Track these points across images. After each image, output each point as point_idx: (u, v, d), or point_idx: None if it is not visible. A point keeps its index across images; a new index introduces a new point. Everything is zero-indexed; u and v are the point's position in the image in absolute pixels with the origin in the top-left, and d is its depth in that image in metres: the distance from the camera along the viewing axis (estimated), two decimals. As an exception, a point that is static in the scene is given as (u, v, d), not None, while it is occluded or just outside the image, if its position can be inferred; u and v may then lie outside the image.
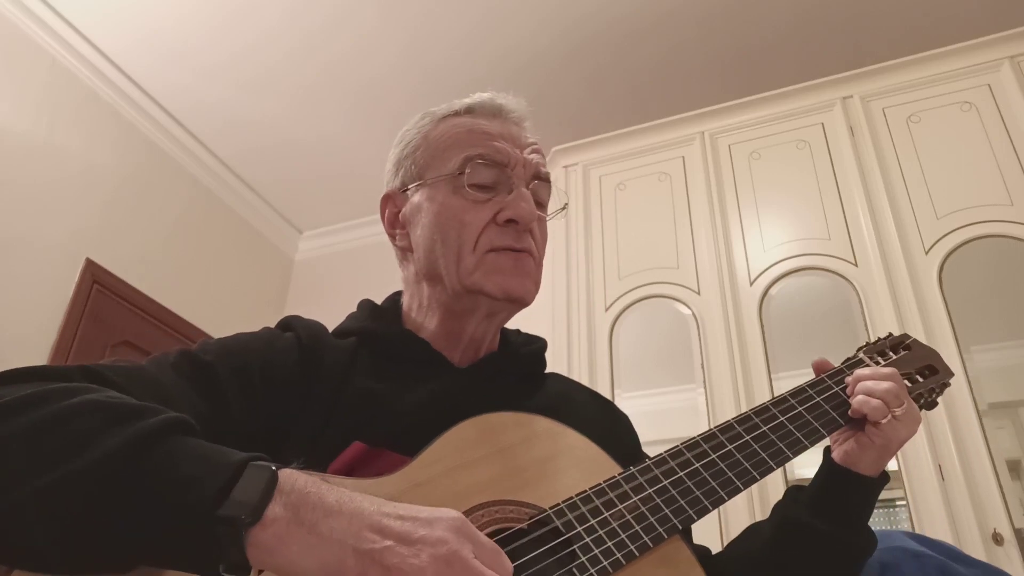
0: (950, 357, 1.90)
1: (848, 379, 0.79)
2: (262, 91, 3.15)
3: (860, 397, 0.75)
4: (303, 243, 4.07)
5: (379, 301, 0.89)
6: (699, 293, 2.34)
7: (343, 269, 3.83)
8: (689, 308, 2.34)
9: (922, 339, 1.94)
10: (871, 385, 0.76)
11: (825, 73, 2.52)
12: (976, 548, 1.70)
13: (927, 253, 2.11)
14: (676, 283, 2.39)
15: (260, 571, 0.46)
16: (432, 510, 0.48)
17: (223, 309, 3.43)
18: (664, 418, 2.33)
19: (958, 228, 2.11)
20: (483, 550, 0.47)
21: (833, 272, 2.22)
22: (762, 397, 2.09)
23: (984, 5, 2.62)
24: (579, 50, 2.92)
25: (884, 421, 0.73)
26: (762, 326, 2.21)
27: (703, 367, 2.21)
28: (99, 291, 2.85)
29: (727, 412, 2.10)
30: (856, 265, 2.19)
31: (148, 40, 2.92)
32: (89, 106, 2.98)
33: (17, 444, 0.47)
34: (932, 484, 1.81)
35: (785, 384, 2.08)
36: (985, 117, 2.23)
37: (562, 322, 2.43)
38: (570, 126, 2.94)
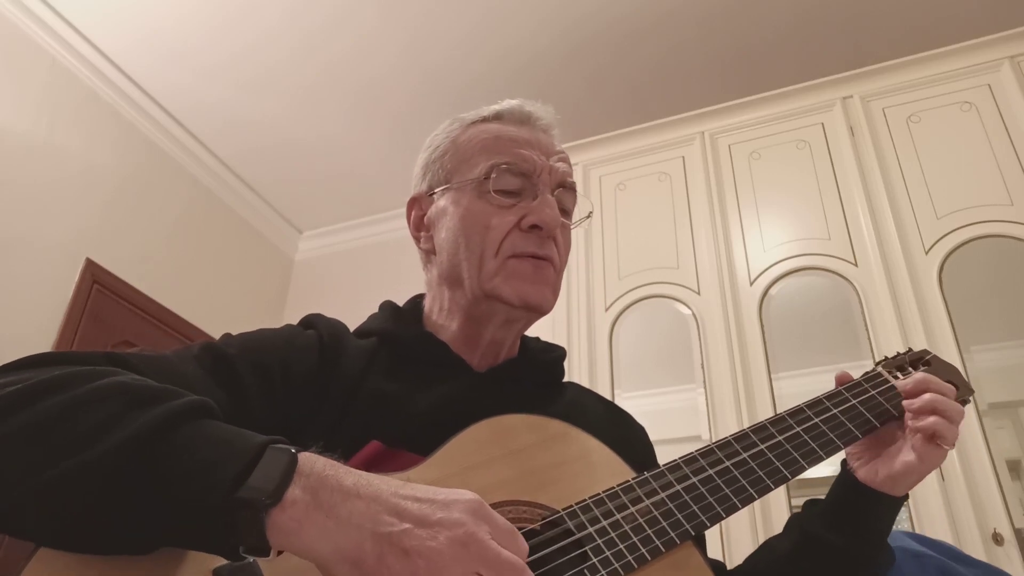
0: (950, 357, 1.90)
1: (908, 389, 0.76)
2: (262, 91, 3.15)
3: (933, 419, 0.72)
4: (303, 243, 4.07)
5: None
6: (699, 293, 2.34)
7: (343, 269, 3.83)
8: (689, 308, 2.34)
9: (922, 339, 1.95)
10: (943, 405, 0.73)
11: (825, 73, 2.52)
12: (976, 548, 1.70)
13: (927, 253, 2.11)
14: (676, 283, 2.39)
15: (280, 552, 0.46)
16: (449, 492, 0.49)
17: (223, 309, 3.43)
18: (664, 418, 2.33)
19: (958, 228, 2.11)
20: (499, 531, 0.48)
21: (833, 272, 2.22)
22: (762, 397, 2.08)
23: (984, 5, 2.62)
24: (579, 50, 2.92)
25: (947, 447, 0.72)
26: (762, 326, 2.20)
27: (703, 367, 2.21)
28: (99, 291, 2.85)
29: (727, 412, 2.10)
30: (856, 265, 2.18)
31: (148, 40, 2.92)
32: (89, 106, 2.97)
33: (42, 426, 0.48)
34: (932, 484, 1.81)
35: (785, 384, 2.09)
36: (985, 117, 2.23)
37: (562, 322, 2.43)
38: (570, 126, 2.91)
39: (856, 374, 0.83)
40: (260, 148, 3.46)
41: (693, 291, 2.35)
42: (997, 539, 1.71)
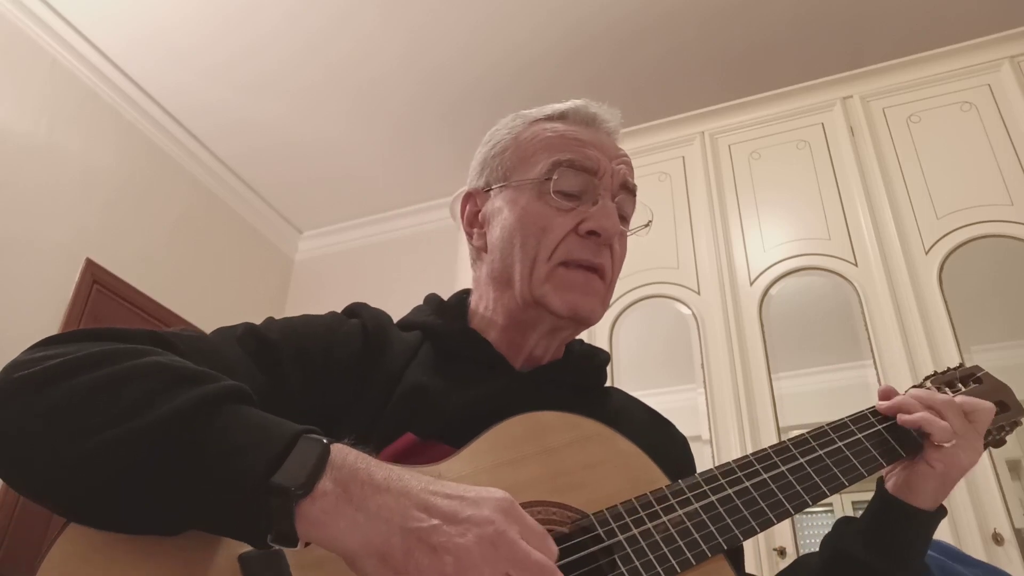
0: (950, 357, 1.90)
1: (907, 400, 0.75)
2: (263, 92, 3.15)
3: (922, 414, 0.72)
4: (303, 243, 4.07)
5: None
6: (699, 293, 2.34)
7: (343, 269, 3.83)
8: (689, 308, 2.33)
9: (922, 339, 1.95)
10: (936, 402, 0.73)
11: (825, 73, 2.52)
12: (976, 548, 1.70)
13: (927, 253, 2.11)
14: (676, 283, 2.39)
15: (307, 543, 0.46)
16: (479, 490, 0.48)
17: (223, 309, 3.42)
18: (664, 418, 2.33)
19: (958, 228, 2.11)
20: (529, 532, 0.47)
21: (833, 272, 2.21)
22: (762, 397, 2.08)
23: (984, 5, 2.62)
24: (579, 51, 2.92)
25: (948, 445, 0.71)
26: (762, 326, 2.20)
27: (703, 367, 2.21)
28: (99, 291, 2.85)
29: (727, 412, 2.10)
30: (856, 265, 2.18)
31: (148, 40, 2.92)
32: (89, 106, 2.98)
33: (81, 400, 0.48)
34: (932, 484, 1.80)
35: (785, 384, 2.09)
36: (985, 117, 2.23)
37: (562, 322, 2.43)
38: (570, 126, 2.93)
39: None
40: (260, 148, 3.46)
41: (693, 291, 2.35)
42: (997, 539, 1.71)
